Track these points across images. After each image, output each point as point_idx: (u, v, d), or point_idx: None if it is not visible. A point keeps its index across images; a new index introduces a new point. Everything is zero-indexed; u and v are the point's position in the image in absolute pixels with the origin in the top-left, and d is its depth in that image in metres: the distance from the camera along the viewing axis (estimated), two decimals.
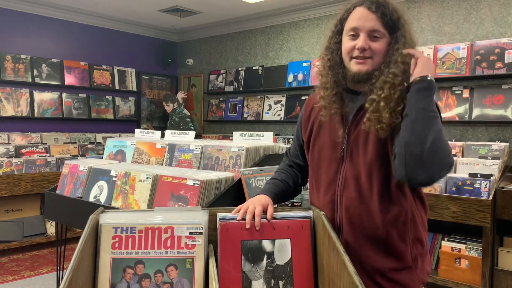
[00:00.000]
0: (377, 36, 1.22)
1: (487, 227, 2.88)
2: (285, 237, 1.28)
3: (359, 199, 1.27)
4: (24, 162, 4.45)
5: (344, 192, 1.30)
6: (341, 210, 1.30)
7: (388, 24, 1.22)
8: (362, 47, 1.22)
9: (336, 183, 1.32)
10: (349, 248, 1.28)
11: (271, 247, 1.27)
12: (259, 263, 1.26)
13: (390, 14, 1.21)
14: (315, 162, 1.39)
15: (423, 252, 1.32)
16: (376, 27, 1.21)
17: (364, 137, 1.26)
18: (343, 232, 1.30)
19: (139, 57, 6.36)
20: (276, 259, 1.26)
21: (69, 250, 4.21)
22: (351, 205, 1.28)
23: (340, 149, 1.31)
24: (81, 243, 1.05)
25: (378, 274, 1.27)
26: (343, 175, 1.30)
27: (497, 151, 3.37)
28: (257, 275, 1.25)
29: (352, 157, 1.29)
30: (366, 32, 1.22)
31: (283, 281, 1.25)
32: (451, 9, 4.09)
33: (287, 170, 1.54)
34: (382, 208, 1.24)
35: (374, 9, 1.21)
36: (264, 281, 1.25)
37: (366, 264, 1.28)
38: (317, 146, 1.38)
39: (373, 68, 1.23)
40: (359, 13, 1.24)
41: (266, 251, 1.26)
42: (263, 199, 1.34)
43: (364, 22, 1.22)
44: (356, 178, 1.27)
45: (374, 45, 1.22)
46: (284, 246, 1.27)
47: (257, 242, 1.27)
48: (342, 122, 1.31)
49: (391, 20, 1.22)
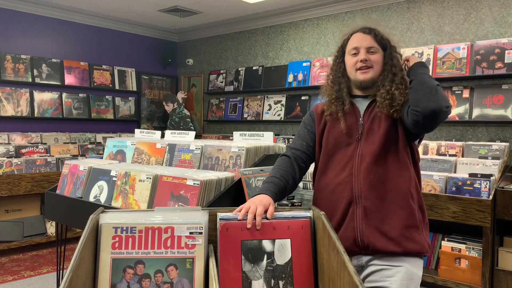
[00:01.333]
0: (373, 51, 1.58)
1: (487, 227, 2.88)
2: (285, 237, 1.28)
3: (377, 165, 1.50)
4: (24, 162, 4.45)
5: (361, 164, 1.52)
6: (360, 180, 1.50)
7: (380, 42, 1.59)
8: (364, 58, 1.57)
9: (353, 160, 1.54)
10: (367, 213, 1.48)
11: (271, 247, 1.27)
12: (259, 263, 1.26)
13: (380, 36, 1.60)
14: (330, 147, 1.60)
15: (425, 221, 1.56)
16: (372, 44, 1.58)
17: (378, 123, 1.55)
18: (361, 200, 1.50)
19: (139, 57, 6.36)
20: (276, 259, 1.27)
21: (69, 250, 4.21)
22: (369, 173, 1.50)
23: (356, 134, 1.57)
24: (81, 243, 1.05)
25: (396, 232, 1.46)
26: (360, 152, 1.54)
27: (497, 151, 3.37)
28: (257, 275, 1.25)
29: (367, 138, 1.55)
30: (365, 49, 1.58)
31: (283, 281, 1.25)
32: (451, 9, 4.09)
33: (286, 166, 1.61)
34: (396, 170, 1.50)
35: (368, 32, 1.60)
36: (264, 281, 1.25)
37: (385, 224, 1.47)
38: (332, 133, 1.61)
39: (375, 75, 1.58)
40: (357, 36, 1.61)
41: (266, 251, 1.26)
42: (264, 199, 1.35)
43: (362, 42, 1.59)
44: (371, 151, 1.51)
45: (372, 57, 1.58)
46: (284, 246, 1.28)
47: (257, 242, 1.27)
48: (355, 115, 1.60)
49: (382, 40, 1.60)
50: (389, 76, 1.57)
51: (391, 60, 1.59)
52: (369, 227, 1.48)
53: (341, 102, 1.61)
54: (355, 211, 1.50)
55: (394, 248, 1.46)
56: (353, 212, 1.50)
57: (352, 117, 1.60)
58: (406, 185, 1.51)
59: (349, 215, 1.51)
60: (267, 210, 1.31)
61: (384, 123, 1.54)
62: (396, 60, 1.60)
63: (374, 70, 1.58)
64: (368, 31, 1.60)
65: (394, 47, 1.62)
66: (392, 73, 1.57)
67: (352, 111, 1.61)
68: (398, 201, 1.49)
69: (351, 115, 1.60)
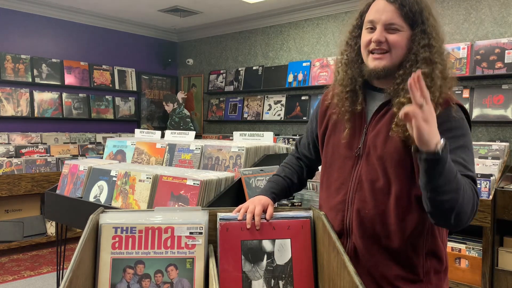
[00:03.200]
0: (395, 29, 1.15)
1: (487, 227, 2.88)
2: (285, 237, 1.28)
3: (373, 202, 1.19)
4: (24, 162, 4.45)
5: (357, 193, 1.23)
6: (352, 212, 1.23)
7: (407, 16, 1.14)
8: (378, 39, 1.15)
9: (349, 183, 1.25)
10: (357, 252, 1.24)
11: (271, 247, 1.27)
12: (259, 263, 1.26)
13: (409, 5, 1.13)
14: (328, 159, 1.33)
15: (440, 269, 1.24)
16: (392, 20, 1.14)
17: (383, 137, 1.18)
18: (352, 235, 1.24)
19: (139, 57, 6.36)
20: (276, 259, 1.26)
21: (69, 250, 4.21)
22: (364, 207, 1.21)
23: (356, 148, 1.24)
24: (81, 243, 1.05)
25: (386, 282, 1.21)
26: (358, 175, 1.23)
27: (497, 151, 3.37)
28: (257, 275, 1.25)
29: (369, 156, 1.21)
30: (383, 25, 1.15)
31: (283, 281, 1.25)
32: (451, 9, 4.09)
33: (292, 165, 1.50)
34: (398, 214, 1.17)
35: (393, 1, 1.14)
36: (264, 281, 1.25)
37: (374, 270, 1.22)
38: (331, 143, 1.32)
39: (392, 63, 1.17)
40: (377, 5, 1.17)
41: (266, 251, 1.26)
42: (263, 199, 1.34)
43: (381, 14, 1.15)
44: (371, 180, 1.20)
45: (391, 38, 1.15)
46: (284, 246, 1.27)
47: (257, 242, 1.27)
48: (361, 119, 1.25)
49: (410, 12, 1.13)
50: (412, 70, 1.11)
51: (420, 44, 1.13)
52: (359, 267, 1.20)
53: (354, 99, 1.24)
54: (346, 245, 1.26)
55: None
56: (344, 246, 1.23)
57: (358, 121, 1.25)
58: (407, 232, 1.17)
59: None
60: (266, 209, 1.30)
61: (395, 139, 1.16)
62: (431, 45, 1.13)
63: (392, 56, 1.16)
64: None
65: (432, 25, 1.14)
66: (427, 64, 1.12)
67: (359, 112, 1.24)
68: (392, 250, 1.19)
69: (357, 118, 1.25)
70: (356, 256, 1.23)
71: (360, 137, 1.24)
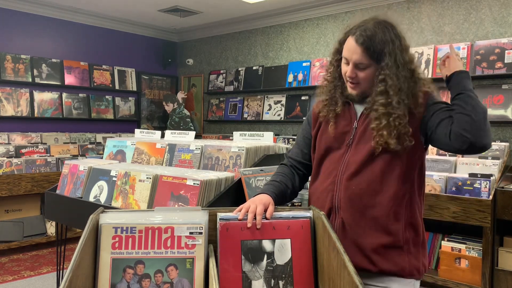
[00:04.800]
0: (363, 68, 1.38)
1: (487, 227, 2.88)
2: (285, 237, 1.28)
3: (360, 177, 1.38)
4: (24, 162, 4.45)
5: (344, 173, 1.41)
6: (341, 190, 1.40)
7: (372, 56, 1.35)
8: (350, 76, 1.40)
9: (338, 167, 1.43)
10: (344, 226, 1.39)
11: (271, 247, 1.27)
12: (259, 263, 1.26)
13: (374, 47, 1.34)
14: (321, 151, 1.50)
15: (418, 240, 1.42)
16: (360, 60, 1.36)
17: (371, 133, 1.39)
18: (340, 211, 1.40)
19: (139, 57, 6.36)
20: (276, 259, 1.27)
21: (69, 250, 4.21)
22: (351, 182, 1.39)
23: (348, 139, 1.44)
24: (81, 243, 1.05)
25: (372, 249, 1.36)
26: (347, 159, 1.42)
27: (497, 151, 3.37)
28: (257, 275, 1.25)
29: (358, 145, 1.42)
30: (353, 64, 1.38)
31: (283, 281, 1.25)
32: (451, 9, 4.09)
33: (285, 173, 1.58)
34: (380, 185, 1.37)
35: (360, 43, 1.35)
36: (264, 281, 1.25)
37: (361, 240, 1.37)
38: (324, 137, 1.50)
39: (363, 91, 1.42)
40: (349, 43, 1.39)
41: (266, 251, 1.27)
42: (264, 198, 1.36)
43: (352, 54, 1.37)
44: (357, 160, 1.39)
45: (360, 74, 1.39)
46: (284, 246, 1.28)
47: (257, 242, 1.27)
48: (350, 118, 1.47)
49: (374, 53, 1.35)
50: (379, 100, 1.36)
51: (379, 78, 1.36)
52: (346, 240, 1.37)
53: (333, 104, 1.49)
54: (334, 222, 1.41)
55: (368, 266, 1.37)
56: (332, 223, 1.41)
57: (347, 120, 1.47)
58: (389, 203, 1.36)
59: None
60: (267, 209, 1.31)
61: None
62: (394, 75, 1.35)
63: (362, 86, 1.41)
64: (360, 42, 1.34)
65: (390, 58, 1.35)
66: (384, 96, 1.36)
67: (348, 113, 1.48)
68: (376, 219, 1.37)
69: (345, 118, 1.48)
70: (343, 229, 1.39)
71: (351, 131, 1.45)
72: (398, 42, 1.37)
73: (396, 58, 1.35)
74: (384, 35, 1.35)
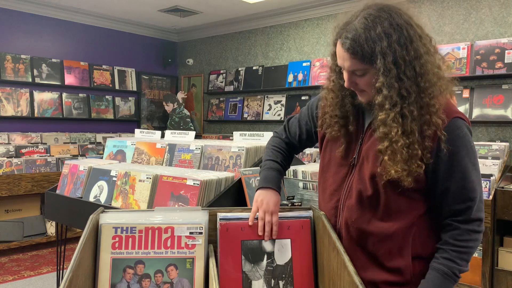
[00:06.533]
0: (360, 74, 1.15)
1: (487, 227, 2.88)
2: (285, 237, 1.28)
3: (359, 212, 1.22)
4: (24, 162, 4.45)
5: (347, 201, 1.25)
6: (343, 217, 1.26)
7: (363, 60, 1.11)
8: (348, 87, 1.20)
9: (342, 191, 1.27)
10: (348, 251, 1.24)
11: (271, 247, 1.27)
12: (259, 263, 1.26)
13: (362, 49, 1.10)
14: (325, 163, 1.35)
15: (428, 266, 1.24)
16: (353, 67, 1.14)
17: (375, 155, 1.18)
18: (342, 239, 1.26)
19: (139, 57, 6.36)
20: (276, 259, 1.27)
21: (69, 250, 4.21)
22: (351, 216, 1.23)
23: (351, 157, 1.26)
24: (81, 243, 1.05)
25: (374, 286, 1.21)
26: (350, 184, 1.25)
27: (497, 151, 3.37)
28: (257, 275, 1.25)
29: (361, 167, 1.23)
30: (348, 72, 1.17)
31: (283, 281, 1.25)
32: (451, 9, 4.09)
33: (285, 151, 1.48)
34: (383, 225, 1.19)
35: (346, 48, 1.12)
36: (264, 281, 1.25)
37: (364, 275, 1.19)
38: (329, 148, 1.34)
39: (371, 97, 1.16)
40: (338, 50, 1.17)
41: (266, 251, 1.26)
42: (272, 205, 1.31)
43: (343, 62, 1.16)
44: (360, 191, 1.21)
45: (360, 81, 1.16)
46: (284, 246, 1.27)
47: (257, 242, 1.27)
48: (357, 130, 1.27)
49: (364, 57, 1.10)
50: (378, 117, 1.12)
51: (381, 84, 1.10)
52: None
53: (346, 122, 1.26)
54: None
55: None
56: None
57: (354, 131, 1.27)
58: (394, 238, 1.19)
59: None
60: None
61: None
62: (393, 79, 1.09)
63: (368, 93, 1.17)
64: (347, 46, 1.12)
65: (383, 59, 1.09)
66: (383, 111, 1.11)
67: (356, 124, 1.27)
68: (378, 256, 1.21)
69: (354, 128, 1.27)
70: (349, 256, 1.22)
71: (356, 146, 1.26)
72: (397, 34, 1.09)
73: (395, 56, 1.08)
74: (373, 31, 1.09)
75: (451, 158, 1.12)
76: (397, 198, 1.17)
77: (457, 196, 1.14)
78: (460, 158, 1.13)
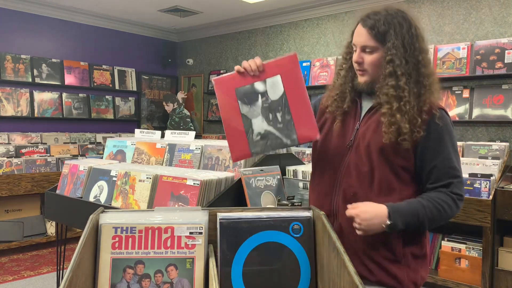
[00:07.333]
0: (369, 51, 1.33)
1: (487, 227, 2.88)
2: (275, 74, 1.36)
3: (359, 185, 1.34)
4: (24, 162, 4.45)
5: (344, 177, 1.37)
6: (339, 194, 1.37)
7: (377, 37, 1.31)
8: (356, 61, 1.36)
9: (338, 171, 1.39)
10: (342, 232, 1.36)
11: (263, 87, 1.36)
12: (255, 103, 1.36)
13: (378, 27, 1.30)
14: (323, 151, 1.46)
15: (419, 253, 1.37)
16: (366, 43, 1.32)
17: (372, 129, 1.35)
18: (338, 216, 1.37)
19: (139, 57, 6.36)
20: (270, 96, 1.36)
21: (69, 250, 4.21)
22: (349, 191, 1.35)
23: (348, 140, 1.39)
24: (81, 243, 1.05)
25: (369, 259, 1.33)
26: (346, 163, 1.38)
27: (497, 151, 3.37)
28: (256, 113, 1.35)
29: (358, 147, 1.36)
30: (360, 48, 1.34)
31: (281, 113, 1.34)
32: (451, 9, 4.09)
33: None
34: (380, 197, 1.31)
35: (365, 24, 1.32)
36: (263, 117, 1.35)
37: (358, 248, 1.34)
38: (328, 134, 1.45)
39: (371, 78, 1.35)
40: (357, 28, 1.35)
41: (259, 92, 1.36)
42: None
43: (358, 38, 1.34)
44: (357, 166, 1.35)
45: (366, 59, 1.33)
46: (275, 83, 1.35)
47: (250, 86, 1.36)
48: (354, 118, 1.41)
49: (379, 33, 1.30)
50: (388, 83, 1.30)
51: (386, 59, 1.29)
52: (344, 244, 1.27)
53: (342, 100, 1.42)
54: (333, 225, 1.37)
55: (366, 274, 1.34)
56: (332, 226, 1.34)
57: (351, 119, 1.42)
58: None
59: None
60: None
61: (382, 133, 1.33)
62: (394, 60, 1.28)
63: (369, 73, 1.35)
64: (366, 23, 1.31)
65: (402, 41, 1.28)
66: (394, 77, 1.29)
67: (354, 112, 1.42)
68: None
69: (351, 116, 1.42)
70: (341, 235, 1.33)
71: (352, 132, 1.40)
72: (407, 26, 1.30)
73: (404, 41, 1.28)
74: (391, 17, 1.30)
75: (438, 139, 1.31)
76: (388, 175, 1.32)
77: (441, 174, 1.30)
78: (446, 141, 1.32)
